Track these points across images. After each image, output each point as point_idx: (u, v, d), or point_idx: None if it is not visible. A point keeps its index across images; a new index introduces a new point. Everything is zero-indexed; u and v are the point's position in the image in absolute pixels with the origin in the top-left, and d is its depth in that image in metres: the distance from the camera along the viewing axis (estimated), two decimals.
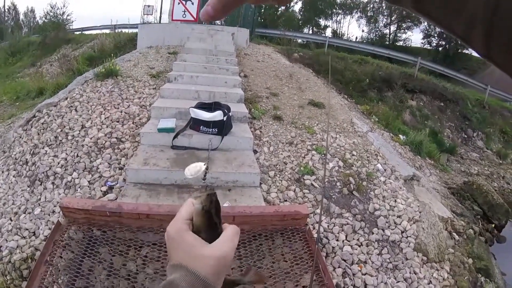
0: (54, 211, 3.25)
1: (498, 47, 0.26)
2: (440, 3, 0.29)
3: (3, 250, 3.06)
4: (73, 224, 2.29)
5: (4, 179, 4.04)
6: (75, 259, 2.14)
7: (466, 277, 3.43)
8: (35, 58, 12.93)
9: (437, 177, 6.32)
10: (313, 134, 4.78)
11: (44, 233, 3.05)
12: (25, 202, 3.54)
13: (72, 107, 4.79)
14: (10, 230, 3.25)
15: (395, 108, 9.10)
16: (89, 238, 2.25)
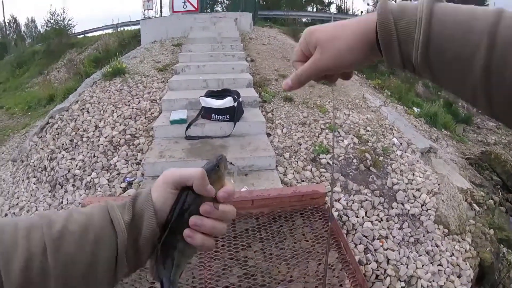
0: None
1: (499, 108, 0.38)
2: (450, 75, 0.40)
3: None
4: None
5: (25, 187, 4.14)
6: None
7: (488, 248, 3.35)
8: (41, 67, 13.07)
9: (454, 148, 6.16)
10: (325, 113, 4.70)
11: None
12: (47, 207, 3.62)
13: (83, 109, 4.84)
14: None
15: (407, 81, 8.86)
16: None
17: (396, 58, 0.43)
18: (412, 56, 0.41)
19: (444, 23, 0.39)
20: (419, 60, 0.41)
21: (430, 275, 2.84)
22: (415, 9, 0.42)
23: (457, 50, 0.38)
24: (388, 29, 0.43)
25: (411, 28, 0.41)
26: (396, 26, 0.42)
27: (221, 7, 15.10)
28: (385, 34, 0.43)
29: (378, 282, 2.72)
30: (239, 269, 1.98)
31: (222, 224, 0.51)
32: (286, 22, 10.65)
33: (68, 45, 13.74)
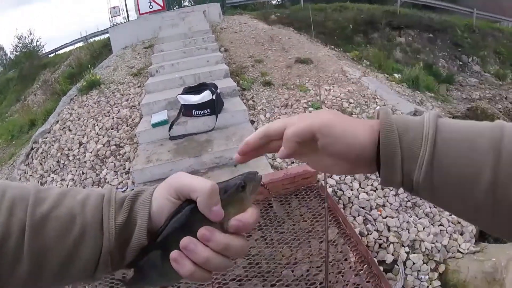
0: None
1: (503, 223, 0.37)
2: (453, 195, 0.38)
3: None
4: None
5: None
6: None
7: None
8: (18, 93, 12.79)
9: (440, 109, 6.20)
10: (306, 92, 4.69)
11: None
12: None
13: (65, 128, 4.77)
14: None
15: (384, 48, 8.85)
16: None
17: (396, 176, 0.41)
18: (414, 174, 0.39)
19: (449, 141, 0.38)
20: (421, 178, 0.39)
21: (433, 236, 2.87)
22: (420, 124, 0.40)
23: (462, 169, 0.37)
24: (392, 145, 0.40)
25: (416, 145, 0.39)
26: (401, 142, 0.40)
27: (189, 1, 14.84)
28: (388, 151, 0.40)
29: (382, 250, 2.74)
30: (243, 259, 1.99)
31: (222, 259, 0.40)
32: (256, 7, 10.52)
33: (40, 67, 13.45)
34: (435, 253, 2.74)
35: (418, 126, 0.40)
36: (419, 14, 10.68)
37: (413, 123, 0.41)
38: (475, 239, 3.00)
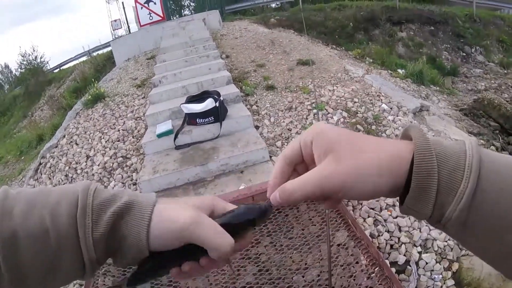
0: None
1: None
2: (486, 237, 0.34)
3: None
4: None
5: None
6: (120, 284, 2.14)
7: None
8: (25, 109, 12.99)
9: (446, 102, 6.13)
10: (309, 93, 4.67)
11: None
12: None
13: (72, 142, 4.81)
14: None
15: (387, 44, 8.80)
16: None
17: (426, 208, 0.36)
18: (448, 209, 0.35)
19: (494, 176, 0.34)
20: (455, 215, 0.34)
21: (445, 234, 2.83)
22: (461, 152, 0.35)
23: (507, 210, 0.33)
24: (429, 175, 0.35)
25: (457, 176, 0.34)
26: (439, 172, 0.35)
27: (188, 10, 14.96)
28: (423, 181, 0.35)
29: (394, 251, 2.70)
30: (253, 266, 1.97)
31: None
32: (256, 11, 10.57)
33: (45, 82, 13.65)
34: (448, 251, 2.70)
35: (459, 153, 0.35)
36: (418, 7, 10.61)
37: (452, 149, 0.36)
38: None
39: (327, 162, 0.38)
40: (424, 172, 0.35)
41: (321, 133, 0.39)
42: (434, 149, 0.35)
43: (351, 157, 0.37)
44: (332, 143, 0.38)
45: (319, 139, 0.39)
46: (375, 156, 0.37)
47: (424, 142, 0.36)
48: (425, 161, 0.35)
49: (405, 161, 0.36)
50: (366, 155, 0.37)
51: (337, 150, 0.38)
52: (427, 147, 0.35)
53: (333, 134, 0.39)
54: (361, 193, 0.37)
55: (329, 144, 0.38)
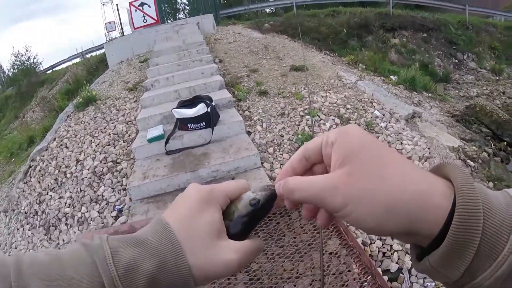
0: None
1: None
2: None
3: None
4: None
5: (21, 235, 4.07)
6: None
7: None
8: (16, 110, 12.84)
9: (438, 108, 6.19)
10: (302, 99, 4.68)
11: None
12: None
13: (62, 145, 4.76)
14: None
15: (379, 51, 8.86)
16: None
17: (457, 272, 0.29)
18: (482, 274, 0.29)
19: None
20: (489, 282, 0.28)
21: None
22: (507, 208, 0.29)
23: None
24: (470, 233, 0.28)
25: (501, 238, 0.28)
26: (483, 230, 0.28)
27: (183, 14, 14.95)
28: (462, 238, 0.28)
29: (386, 259, 2.70)
30: (244, 275, 1.95)
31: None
32: (250, 16, 10.58)
33: (38, 83, 13.51)
34: None
35: (505, 208, 0.29)
36: (411, 14, 10.73)
37: (497, 201, 0.29)
38: None
39: (339, 173, 0.33)
40: (465, 230, 0.28)
41: (346, 137, 0.34)
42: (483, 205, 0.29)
43: (365, 179, 0.32)
44: (352, 152, 0.33)
45: (341, 143, 0.34)
46: (394, 189, 0.31)
47: (471, 191, 0.29)
48: (469, 217, 0.28)
49: (439, 208, 0.30)
50: (384, 182, 0.31)
51: (354, 163, 0.32)
52: (474, 199, 0.29)
53: (358, 142, 0.33)
54: (361, 224, 0.32)
55: (349, 153, 0.33)
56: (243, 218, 0.42)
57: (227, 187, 0.43)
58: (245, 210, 0.41)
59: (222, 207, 0.41)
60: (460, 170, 0.31)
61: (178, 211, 0.40)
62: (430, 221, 0.30)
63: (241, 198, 0.43)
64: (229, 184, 0.43)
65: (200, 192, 0.41)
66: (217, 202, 0.41)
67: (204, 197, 0.40)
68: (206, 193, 0.41)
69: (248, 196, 0.42)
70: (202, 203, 0.40)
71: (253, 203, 0.41)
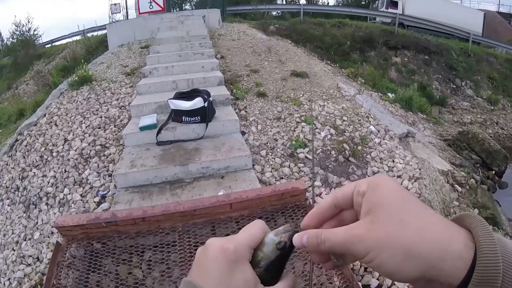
0: (53, 232, 3.18)
1: None
2: None
3: (12, 281, 3.01)
4: (72, 242, 2.20)
5: (0, 210, 3.96)
6: (81, 277, 2.06)
7: None
8: (10, 81, 12.60)
9: (432, 131, 6.25)
10: (300, 106, 4.66)
11: (47, 256, 2.99)
12: (23, 229, 3.46)
13: (51, 122, 4.65)
14: (15, 260, 3.18)
15: (380, 67, 8.94)
16: (90, 253, 2.17)
17: None
18: None
19: None
20: None
21: None
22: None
23: None
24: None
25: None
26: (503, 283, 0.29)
27: (190, 5, 14.84)
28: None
29: (368, 274, 2.69)
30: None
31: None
32: (256, 16, 10.55)
33: (35, 56, 13.28)
34: None
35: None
36: (416, 35, 10.83)
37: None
38: None
39: (364, 222, 0.35)
40: (486, 285, 0.29)
41: (376, 188, 0.36)
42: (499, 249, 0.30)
43: (386, 225, 0.33)
44: (379, 202, 0.35)
45: (371, 193, 0.36)
46: (414, 235, 0.32)
47: (491, 246, 0.30)
48: (490, 272, 0.29)
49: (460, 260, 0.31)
50: (405, 228, 0.33)
51: (379, 213, 0.34)
52: (494, 255, 0.30)
53: (386, 194, 0.35)
54: (382, 269, 0.33)
55: (377, 202, 0.35)
56: (274, 263, 0.42)
57: (250, 239, 0.42)
58: (273, 255, 0.41)
59: (249, 259, 0.41)
60: (481, 223, 0.32)
61: (209, 274, 0.39)
62: (449, 271, 0.31)
63: (265, 242, 0.42)
64: (250, 234, 0.43)
65: (225, 252, 0.40)
66: (244, 257, 0.40)
67: (231, 257, 0.40)
68: (233, 253, 0.40)
69: (272, 240, 0.42)
70: (231, 263, 0.39)
71: (280, 247, 0.41)
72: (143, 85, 4.81)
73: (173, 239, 2.10)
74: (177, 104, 3.78)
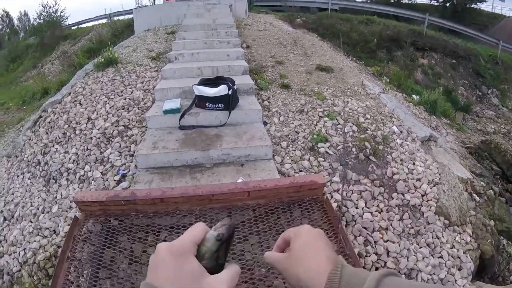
0: (71, 207, 3.23)
1: None
2: None
3: (27, 252, 3.07)
4: (90, 217, 2.22)
5: (20, 182, 4.05)
6: (96, 252, 2.08)
7: (489, 240, 3.27)
8: (35, 60, 12.87)
9: (454, 137, 6.06)
10: (323, 100, 4.58)
11: (64, 230, 3.04)
12: (42, 202, 3.53)
13: (76, 101, 4.72)
14: (31, 231, 3.25)
15: (406, 68, 8.72)
16: (107, 229, 2.18)
17: None
18: None
19: None
20: None
21: (431, 267, 2.76)
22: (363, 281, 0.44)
23: None
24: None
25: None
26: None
27: None
28: None
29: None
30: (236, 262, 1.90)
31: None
32: (283, 8, 10.45)
33: (61, 37, 13.52)
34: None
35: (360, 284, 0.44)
36: (444, 38, 10.54)
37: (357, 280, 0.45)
38: (471, 277, 2.89)
39: (285, 255, 0.57)
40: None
41: (297, 234, 0.58)
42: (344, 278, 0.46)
43: (291, 261, 0.55)
44: (293, 246, 0.56)
45: (294, 238, 0.58)
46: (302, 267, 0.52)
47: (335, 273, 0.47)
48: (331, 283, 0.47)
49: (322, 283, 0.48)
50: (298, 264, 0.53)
51: (291, 253, 0.56)
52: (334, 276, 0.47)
53: (299, 241, 0.56)
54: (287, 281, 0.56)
55: (292, 246, 0.57)
56: (215, 254, 0.49)
57: (193, 236, 0.49)
58: (214, 247, 0.49)
59: (194, 253, 0.47)
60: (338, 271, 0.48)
61: (161, 272, 0.45)
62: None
63: (206, 238, 0.49)
64: (192, 232, 0.50)
65: (171, 250, 0.46)
66: (189, 251, 0.47)
67: (177, 252, 0.46)
68: (177, 249, 0.47)
69: (212, 235, 0.50)
70: (178, 257, 0.45)
71: (219, 238, 0.49)
72: (168, 69, 4.82)
73: (189, 222, 2.09)
74: (201, 90, 3.77)
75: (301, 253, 0.53)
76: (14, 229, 3.49)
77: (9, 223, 3.70)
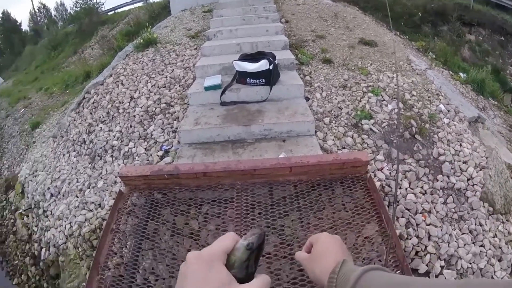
0: (116, 182, 3.32)
1: None
2: None
3: (73, 225, 3.21)
4: (134, 191, 2.27)
5: (66, 161, 4.22)
6: (139, 224, 2.13)
7: None
8: (75, 46, 13.31)
9: (502, 120, 5.59)
10: (367, 75, 4.36)
11: (108, 203, 3.14)
12: (88, 178, 3.66)
13: (118, 82, 4.82)
14: (77, 206, 3.39)
15: (453, 43, 8.16)
16: (151, 202, 2.23)
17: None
18: None
19: None
20: None
21: (471, 256, 2.58)
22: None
23: None
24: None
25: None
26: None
27: None
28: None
29: (417, 259, 2.51)
30: (276, 237, 1.87)
31: None
32: None
33: (99, 23, 13.87)
34: (470, 274, 2.49)
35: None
36: (492, 12, 9.72)
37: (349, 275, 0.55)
38: (511, 270, 2.68)
39: (309, 255, 0.72)
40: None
41: (318, 239, 0.73)
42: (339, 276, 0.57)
43: (311, 261, 0.69)
44: (314, 248, 0.71)
45: (315, 243, 0.73)
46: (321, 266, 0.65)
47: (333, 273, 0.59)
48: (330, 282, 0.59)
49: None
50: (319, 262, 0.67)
51: (312, 254, 0.71)
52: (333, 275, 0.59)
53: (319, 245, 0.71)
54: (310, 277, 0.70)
55: (314, 248, 0.71)
56: (245, 263, 0.49)
57: (223, 246, 0.49)
58: (244, 256, 0.49)
59: (224, 262, 0.47)
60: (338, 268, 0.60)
61: (190, 280, 0.45)
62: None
63: (236, 248, 0.49)
64: (222, 241, 0.50)
65: (201, 258, 0.47)
66: (219, 260, 0.47)
67: (207, 261, 0.46)
68: (207, 257, 0.47)
69: (242, 244, 0.50)
70: (207, 265, 0.46)
71: (249, 247, 0.49)
72: (207, 47, 4.78)
73: (231, 196, 2.07)
74: (242, 65, 3.70)
75: (318, 256, 0.68)
76: (61, 204, 3.67)
77: (55, 199, 3.89)
